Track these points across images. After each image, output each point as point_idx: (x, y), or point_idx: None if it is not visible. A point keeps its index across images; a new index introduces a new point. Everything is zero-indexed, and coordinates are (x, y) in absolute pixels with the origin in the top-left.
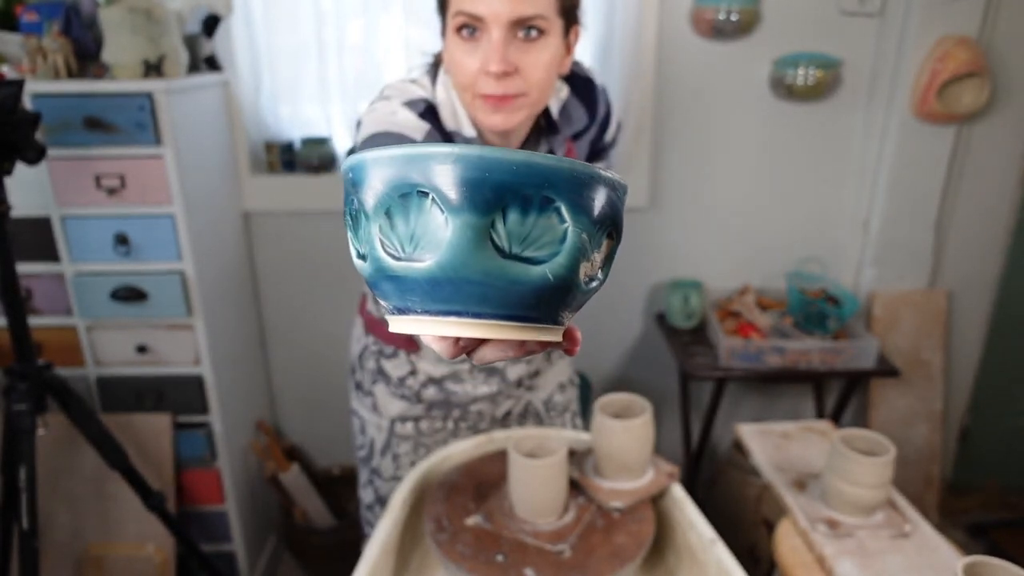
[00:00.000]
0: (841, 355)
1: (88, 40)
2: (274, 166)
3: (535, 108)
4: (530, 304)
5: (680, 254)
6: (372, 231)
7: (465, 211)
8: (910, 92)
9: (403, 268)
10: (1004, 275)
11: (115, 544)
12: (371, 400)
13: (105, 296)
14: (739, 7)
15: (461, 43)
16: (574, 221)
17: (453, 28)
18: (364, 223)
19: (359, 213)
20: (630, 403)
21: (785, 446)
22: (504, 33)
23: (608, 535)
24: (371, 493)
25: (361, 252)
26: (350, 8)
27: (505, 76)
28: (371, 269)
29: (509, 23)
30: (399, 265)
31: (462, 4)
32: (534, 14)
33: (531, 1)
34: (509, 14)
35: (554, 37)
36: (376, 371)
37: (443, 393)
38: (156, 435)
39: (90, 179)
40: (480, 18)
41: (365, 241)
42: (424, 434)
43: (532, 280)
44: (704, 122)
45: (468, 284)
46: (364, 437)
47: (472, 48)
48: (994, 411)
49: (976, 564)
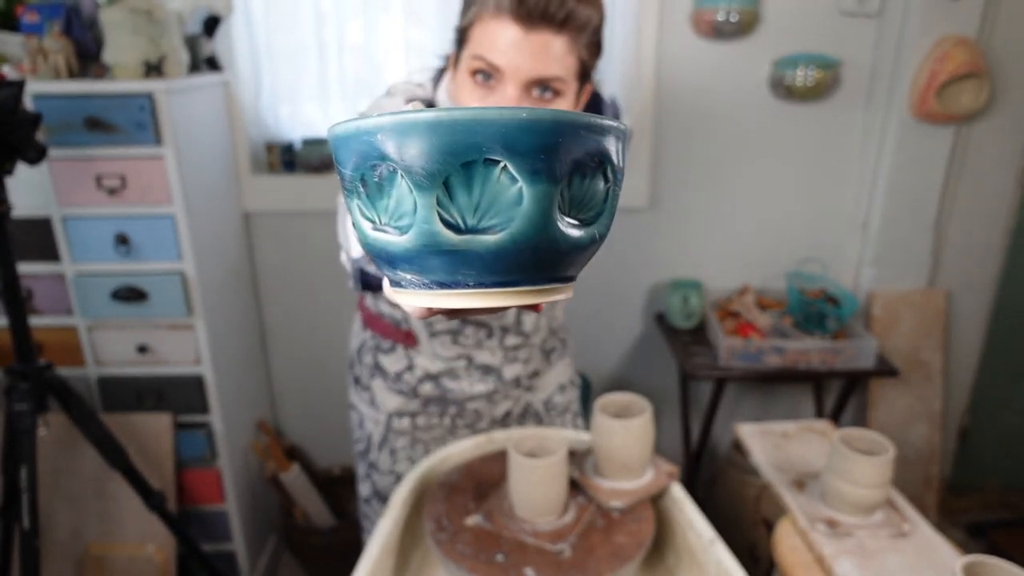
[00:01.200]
0: (840, 355)
1: (89, 40)
2: (274, 166)
3: None
4: (574, 265)
5: (680, 254)
6: (426, 202)
7: (542, 180)
8: (909, 92)
9: (465, 241)
10: (1003, 275)
11: (116, 544)
12: (369, 395)
13: (106, 296)
14: (739, 8)
15: (474, 87)
16: (615, 181)
17: (468, 69)
18: (406, 193)
19: (389, 181)
20: (630, 403)
21: (784, 446)
22: (520, 90)
23: (608, 535)
24: (368, 487)
25: (390, 224)
26: (350, 8)
27: None
28: (416, 243)
29: (527, 81)
30: (461, 239)
31: (483, 50)
32: (554, 76)
33: (555, 63)
34: (529, 72)
35: (568, 98)
36: (374, 366)
37: (439, 389)
38: (157, 435)
39: (91, 179)
40: (499, 69)
41: (404, 213)
42: (421, 429)
43: (583, 242)
44: (704, 122)
45: (533, 253)
46: (362, 431)
47: (484, 94)
48: (993, 411)
49: (975, 564)
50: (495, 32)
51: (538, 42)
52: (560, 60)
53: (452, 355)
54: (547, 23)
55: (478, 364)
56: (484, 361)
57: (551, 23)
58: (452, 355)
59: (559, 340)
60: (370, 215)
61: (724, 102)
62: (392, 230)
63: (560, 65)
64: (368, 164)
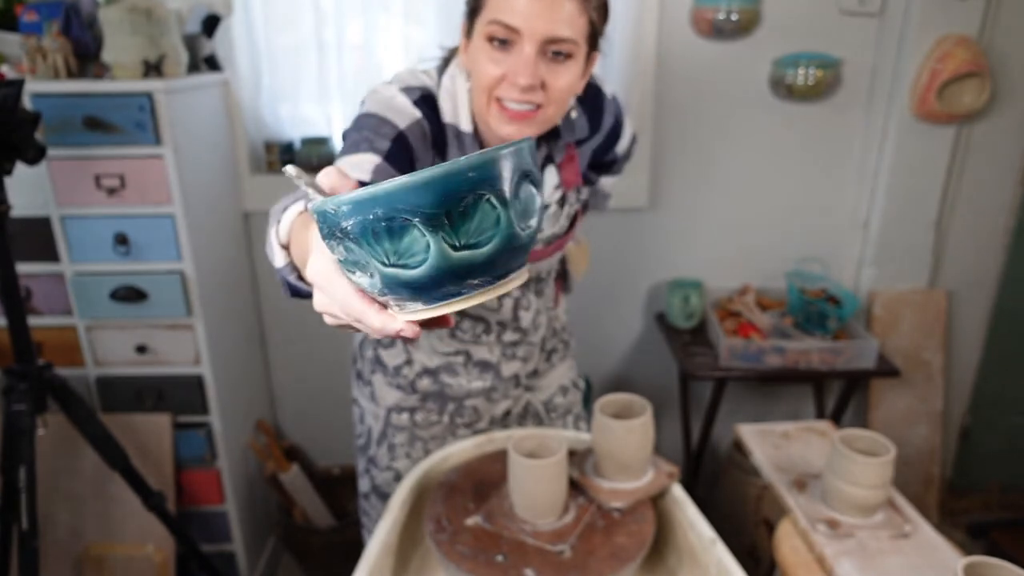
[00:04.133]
0: (841, 355)
1: (88, 40)
2: (274, 166)
3: (548, 124)
4: (522, 258)
5: (680, 254)
6: (434, 237)
7: (511, 203)
8: (910, 92)
9: (466, 256)
10: (1004, 274)
11: (115, 544)
12: (369, 389)
13: (105, 296)
14: (739, 7)
15: (490, 51)
16: (537, 184)
17: (484, 35)
18: (416, 234)
19: (404, 227)
20: (630, 403)
21: (785, 446)
22: (536, 50)
23: (608, 535)
24: (367, 482)
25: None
26: (350, 8)
27: (531, 89)
28: (432, 272)
29: (543, 40)
30: (460, 255)
31: (500, 14)
32: (567, 37)
33: (567, 24)
34: (544, 32)
35: (578, 61)
36: (374, 360)
37: (437, 384)
38: (156, 435)
39: (90, 179)
40: (516, 31)
41: (416, 251)
42: (420, 426)
43: (527, 241)
44: (704, 122)
45: (508, 253)
46: (363, 426)
47: (501, 57)
48: (994, 411)
49: (976, 564)
50: None
51: (551, 4)
52: (572, 21)
53: (450, 350)
54: None
55: (476, 360)
56: (482, 357)
57: None
58: (450, 350)
59: (561, 341)
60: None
61: (724, 101)
62: (406, 265)
63: (572, 26)
64: (391, 217)
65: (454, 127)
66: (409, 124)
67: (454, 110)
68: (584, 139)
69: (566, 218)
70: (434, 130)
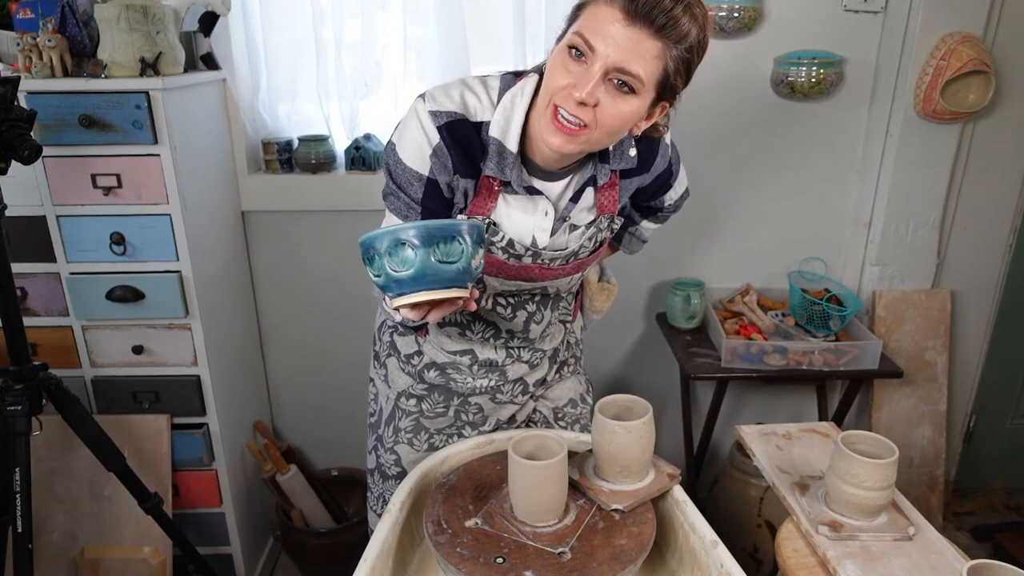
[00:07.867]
0: (844, 356)
1: (84, 37)
2: (272, 165)
3: (592, 147)
4: (454, 279)
5: (681, 254)
6: (385, 263)
7: (424, 246)
8: (914, 90)
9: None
10: (1009, 275)
11: (111, 547)
12: (384, 371)
13: (101, 296)
14: (741, 5)
15: (567, 59)
16: (470, 245)
17: (568, 42)
18: (378, 260)
19: (379, 255)
20: (631, 404)
21: (787, 448)
22: (602, 73)
23: (609, 537)
24: (373, 459)
25: (382, 274)
26: (348, 6)
27: (583, 106)
28: (385, 280)
29: (611, 67)
30: (396, 274)
31: (585, 29)
32: (635, 72)
33: (640, 61)
34: (616, 60)
35: (641, 100)
36: (390, 344)
37: (444, 378)
38: (153, 436)
39: (86, 178)
40: (593, 49)
41: (388, 268)
42: (426, 415)
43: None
44: (706, 120)
45: (426, 275)
46: (375, 405)
47: (573, 68)
48: (999, 412)
49: (981, 567)
50: (602, 16)
51: (633, 37)
52: (646, 60)
53: (456, 349)
54: (648, 23)
55: (482, 360)
56: (488, 357)
57: (651, 24)
58: (456, 349)
59: (573, 356)
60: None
61: (726, 100)
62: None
63: (644, 65)
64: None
65: (499, 143)
66: (433, 164)
67: (505, 128)
68: (631, 172)
69: (589, 240)
70: (462, 144)
